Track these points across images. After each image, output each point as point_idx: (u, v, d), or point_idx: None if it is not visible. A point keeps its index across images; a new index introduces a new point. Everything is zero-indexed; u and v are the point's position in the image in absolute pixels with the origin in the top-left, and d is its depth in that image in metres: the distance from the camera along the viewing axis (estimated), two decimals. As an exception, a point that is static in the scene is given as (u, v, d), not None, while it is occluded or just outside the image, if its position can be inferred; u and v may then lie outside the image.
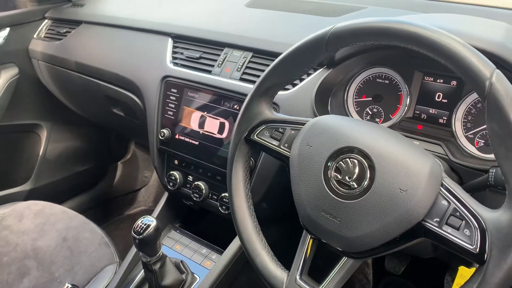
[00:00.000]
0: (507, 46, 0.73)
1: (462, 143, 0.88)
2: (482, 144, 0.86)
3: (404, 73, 0.95)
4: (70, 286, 0.94)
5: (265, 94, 0.77)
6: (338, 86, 1.01)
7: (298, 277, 0.71)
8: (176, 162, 1.20)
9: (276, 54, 1.01)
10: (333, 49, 0.70)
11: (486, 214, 0.56)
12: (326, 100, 0.98)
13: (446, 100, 0.91)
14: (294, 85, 1.00)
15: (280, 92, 1.01)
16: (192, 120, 1.13)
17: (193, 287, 1.07)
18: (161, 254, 1.00)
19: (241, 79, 1.07)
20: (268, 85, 0.76)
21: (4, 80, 1.52)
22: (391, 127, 0.95)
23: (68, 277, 1.17)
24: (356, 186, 0.63)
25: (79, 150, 1.87)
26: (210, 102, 1.11)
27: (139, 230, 0.94)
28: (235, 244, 1.08)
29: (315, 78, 0.97)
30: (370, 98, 0.99)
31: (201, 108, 1.12)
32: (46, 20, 1.61)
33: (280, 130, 0.75)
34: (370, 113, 0.99)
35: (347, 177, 0.64)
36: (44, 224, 1.34)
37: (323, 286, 0.68)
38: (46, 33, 1.58)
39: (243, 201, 0.78)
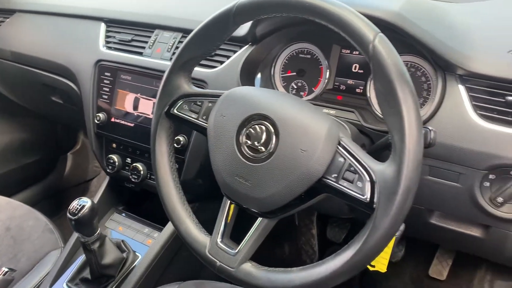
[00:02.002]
0: (402, 15, 0.79)
1: (376, 109, 0.94)
2: (394, 110, 0.93)
3: (323, 47, 1.00)
4: (6, 270, 0.95)
5: (183, 68, 0.80)
6: (264, 63, 1.05)
7: (219, 240, 0.75)
8: (114, 145, 1.21)
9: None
10: (241, 22, 0.73)
11: (375, 166, 0.62)
12: (253, 76, 1.02)
13: (362, 71, 0.96)
14: (221, 62, 1.03)
15: (207, 70, 1.04)
16: (127, 102, 1.15)
17: (135, 265, 1.09)
18: (99, 234, 1.02)
19: (172, 59, 1.10)
20: (184, 60, 0.79)
21: None
22: (314, 99, 1.01)
23: (10, 265, 1.17)
24: (263, 150, 0.68)
25: (25, 142, 1.84)
26: (143, 84, 1.13)
27: (74, 211, 0.96)
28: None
29: (240, 55, 1.00)
30: (295, 73, 1.04)
31: (134, 90, 1.14)
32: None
33: (198, 103, 0.79)
34: (295, 87, 1.04)
35: (255, 142, 0.68)
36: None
37: (241, 246, 0.73)
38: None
39: (167, 173, 0.81)
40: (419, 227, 0.94)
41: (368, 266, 0.84)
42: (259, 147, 0.68)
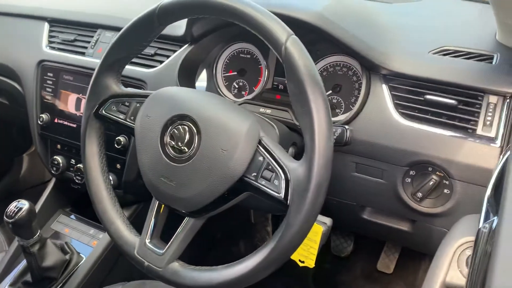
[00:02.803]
0: (323, 16, 0.81)
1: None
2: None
3: (261, 47, 1.01)
4: None
5: (110, 69, 0.80)
6: (206, 62, 1.05)
7: (147, 241, 0.75)
8: (58, 146, 1.20)
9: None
10: (165, 23, 0.74)
11: (291, 165, 0.63)
12: (193, 76, 1.02)
13: (299, 70, 0.98)
14: (161, 62, 1.03)
15: (146, 70, 1.04)
16: (69, 103, 1.14)
17: (79, 266, 1.08)
18: (39, 236, 1.01)
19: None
20: (112, 60, 0.79)
21: None
22: (253, 98, 1.02)
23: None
24: (187, 150, 0.68)
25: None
26: (85, 84, 1.12)
27: (11, 213, 0.94)
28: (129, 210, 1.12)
29: (178, 55, 1.01)
30: (236, 73, 1.05)
31: (77, 90, 1.13)
32: None
33: (126, 104, 0.79)
34: (237, 86, 1.05)
35: (179, 143, 0.69)
36: None
37: (168, 246, 0.73)
38: None
39: (98, 175, 0.81)
40: (354, 223, 0.97)
41: (298, 262, 0.86)
42: (182, 148, 0.69)
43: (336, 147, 0.74)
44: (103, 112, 0.80)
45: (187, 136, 0.68)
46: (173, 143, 0.70)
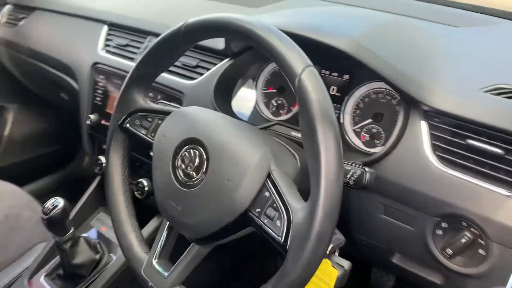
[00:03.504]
0: (358, 43, 0.73)
1: (349, 137, 0.89)
2: (368, 138, 0.87)
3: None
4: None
5: (138, 83, 0.79)
6: (246, 77, 1.02)
7: (154, 260, 0.74)
8: (103, 147, 1.24)
9: (197, 45, 1.05)
10: (190, 42, 0.72)
11: (296, 206, 0.58)
12: (230, 91, 1.00)
13: (339, 94, 0.92)
14: (201, 74, 1.02)
15: (186, 81, 1.04)
16: (116, 106, 1.17)
17: (107, 267, 1.11)
18: (72, 234, 1.05)
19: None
20: (140, 74, 0.79)
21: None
22: (290, 118, 0.97)
23: (0, 252, 1.23)
24: (195, 175, 0.66)
25: (46, 131, 1.93)
26: (131, 90, 1.14)
27: (47, 211, 0.99)
28: (152, 224, 1.13)
29: (218, 68, 0.99)
30: (276, 90, 1.01)
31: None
32: (8, 5, 1.66)
33: (149, 119, 0.78)
34: (275, 104, 1.01)
35: (189, 167, 0.67)
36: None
37: (172, 270, 0.72)
38: (7, 18, 1.63)
39: (118, 186, 0.82)
40: (384, 265, 0.88)
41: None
42: (191, 172, 0.66)
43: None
44: (127, 125, 0.80)
45: (197, 161, 0.66)
46: (184, 166, 0.67)
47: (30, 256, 1.21)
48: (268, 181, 0.62)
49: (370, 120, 0.87)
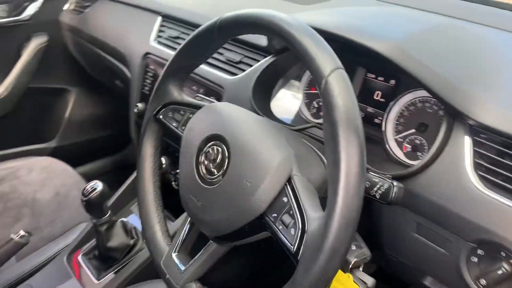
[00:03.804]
0: (400, 47, 0.68)
1: (390, 146, 0.84)
2: (409, 150, 0.82)
3: (347, 67, 0.91)
4: (23, 233, 1.05)
5: (174, 76, 0.79)
6: (289, 76, 1.00)
7: (174, 253, 0.74)
8: (148, 135, 1.26)
9: (242, 41, 1.04)
10: (224, 37, 0.71)
11: (312, 215, 0.55)
12: (270, 89, 0.98)
13: (383, 100, 0.87)
14: (243, 70, 1.01)
15: (227, 76, 1.03)
16: (161, 97, 1.18)
17: (140, 253, 1.14)
18: (109, 217, 1.08)
19: (206, 62, 1.10)
20: (176, 67, 0.79)
21: (34, 47, 1.69)
22: None
23: (47, 228, 1.30)
24: (216, 173, 0.65)
25: (104, 115, 2.01)
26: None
27: (86, 193, 1.03)
28: (182, 218, 1.13)
29: (260, 65, 0.97)
30: (317, 91, 0.97)
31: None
32: (76, -6, 1.74)
33: (182, 112, 0.78)
34: (316, 106, 0.97)
35: (211, 164, 0.66)
36: (46, 178, 1.49)
37: (188, 265, 0.71)
38: (75, 6, 1.71)
39: (148, 177, 0.82)
40: (416, 286, 0.82)
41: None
42: (212, 169, 0.65)
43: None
44: (160, 116, 0.80)
45: (219, 158, 0.65)
46: (206, 162, 0.66)
47: (73, 233, 1.27)
48: (288, 186, 0.59)
49: (413, 130, 0.81)
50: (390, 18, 0.83)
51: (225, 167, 0.64)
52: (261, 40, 0.97)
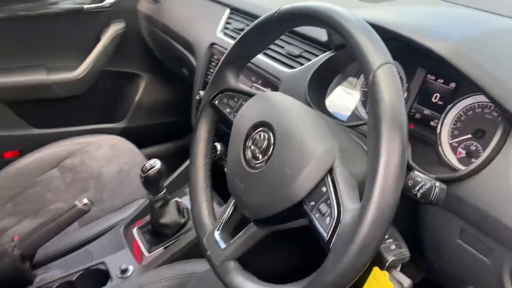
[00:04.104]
0: (457, 49, 0.66)
1: (443, 150, 0.82)
2: (463, 155, 0.79)
3: (407, 68, 0.90)
4: (87, 201, 1.14)
5: (231, 64, 0.83)
6: (347, 73, 1.00)
7: (217, 232, 0.78)
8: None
9: (302, 35, 1.06)
10: (282, 28, 0.73)
11: (348, 206, 0.56)
12: (326, 84, 0.98)
13: (441, 103, 0.84)
14: (301, 64, 1.02)
15: (285, 69, 1.05)
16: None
17: (189, 232, 1.19)
18: (164, 195, 1.15)
19: (265, 54, 1.13)
20: (234, 56, 0.82)
21: (112, 32, 1.82)
22: None
23: (108, 200, 1.40)
24: (260, 157, 0.67)
25: (170, 102, 2.11)
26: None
27: (145, 170, 1.10)
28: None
29: (318, 60, 0.98)
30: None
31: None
32: (155, -16, 1.84)
33: (235, 99, 0.81)
34: (372, 104, 0.97)
35: (257, 149, 0.68)
36: (112, 155, 1.60)
37: (227, 245, 0.74)
38: (152, -4, 1.81)
39: (199, 158, 0.87)
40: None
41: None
42: (257, 154, 0.68)
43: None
44: (216, 102, 0.84)
45: (265, 144, 0.67)
46: (253, 147, 0.69)
47: (131, 208, 1.35)
48: (328, 176, 0.60)
49: (469, 136, 0.78)
50: (452, 19, 0.80)
51: (269, 153, 0.66)
52: (321, 34, 0.98)
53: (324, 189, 0.60)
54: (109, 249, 1.20)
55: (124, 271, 1.11)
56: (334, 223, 0.56)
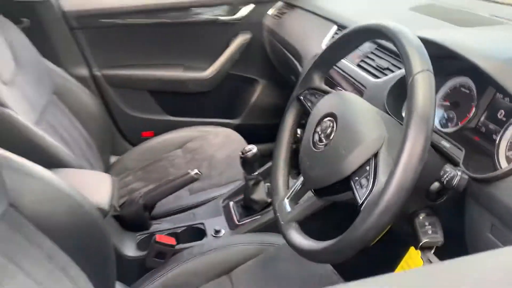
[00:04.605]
0: (499, 66, 0.75)
1: (499, 161, 0.90)
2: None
3: (479, 85, 0.99)
4: (197, 171, 1.41)
5: (318, 68, 1.01)
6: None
7: (287, 199, 0.97)
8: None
9: (391, 50, 1.20)
10: (359, 40, 0.90)
11: (381, 180, 0.71)
12: (404, 96, 1.10)
13: (504, 119, 0.92)
14: (386, 75, 1.16)
15: (370, 78, 1.19)
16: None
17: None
18: (256, 176, 1.37)
19: (358, 65, 1.29)
20: (321, 61, 1.00)
21: (239, 42, 2.13)
22: (455, 132, 1.02)
23: (216, 177, 1.67)
24: (324, 141, 0.85)
25: (280, 106, 2.33)
26: (338, 81, 1.37)
27: (244, 152, 1.34)
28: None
29: (399, 73, 1.11)
30: (449, 104, 1.06)
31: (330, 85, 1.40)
32: (280, 2, 2.10)
33: (317, 96, 1.00)
34: (446, 117, 1.07)
35: (322, 133, 0.86)
36: (225, 144, 1.88)
37: (292, 210, 0.93)
38: (277, 12, 2.08)
39: (283, 141, 1.06)
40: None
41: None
42: (322, 138, 0.86)
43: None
44: (301, 97, 1.04)
45: (329, 130, 0.85)
46: (320, 132, 0.87)
47: (230, 186, 1.60)
48: (373, 159, 0.76)
49: (524, 150, 0.86)
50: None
51: (331, 138, 0.83)
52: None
53: (367, 167, 0.75)
54: (208, 214, 1.46)
55: (217, 232, 1.35)
56: (367, 192, 0.72)
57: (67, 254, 0.98)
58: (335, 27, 1.54)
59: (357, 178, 0.76)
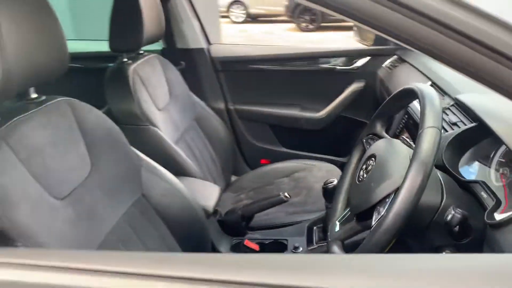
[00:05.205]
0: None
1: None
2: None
3: (493, 143, 1.09)
4: (287, 195, 1.69)
5: (380, 117, 1.23)
6: (481, 149, 1.21)
7: (337, 222, 1.18)
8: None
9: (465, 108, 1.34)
10: (404, 100, 1.10)
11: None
12: (462, 150, 1.22)
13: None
14: (452, 129, 1.30)
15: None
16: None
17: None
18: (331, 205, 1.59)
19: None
20: (381, 112, 1.22)
21: (353, 88, 2.37)
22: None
23: (308, 205, 1.92)
24: (364, 176, 1.06)
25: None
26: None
27: (325, 183, 1.58)
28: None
29: (460, 129, 1.24)
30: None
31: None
32: (395, 56, 2.30)
33: (375, 140, 1.21)
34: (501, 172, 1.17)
35: (364, 170, 1.08)
36: (325, 177, 2.11)
37: (338, 231, 1.14)
38: (390, 64, 2.27)
39: (346, 176, 1.28)
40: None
41: None
42: (364, 173, 1.07)
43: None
44: (364, 140, 1.25)
45: (369, 168, 1.06)
46: (363, 169, 1.09)
47: (318, 213, 1.83)
48: (393, 193, 0.95)
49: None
50: None
51: (369, 173, 1.05)
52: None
53: (387, 200, 0.95)
54: (294, 233, 1.72)
55: (296, 248, 1.61)
56: (379, 217, 0.92)
57: (175, 239, 1.35)
58: (429, 83, 1.69)
59: (378, 207, 0.96)
